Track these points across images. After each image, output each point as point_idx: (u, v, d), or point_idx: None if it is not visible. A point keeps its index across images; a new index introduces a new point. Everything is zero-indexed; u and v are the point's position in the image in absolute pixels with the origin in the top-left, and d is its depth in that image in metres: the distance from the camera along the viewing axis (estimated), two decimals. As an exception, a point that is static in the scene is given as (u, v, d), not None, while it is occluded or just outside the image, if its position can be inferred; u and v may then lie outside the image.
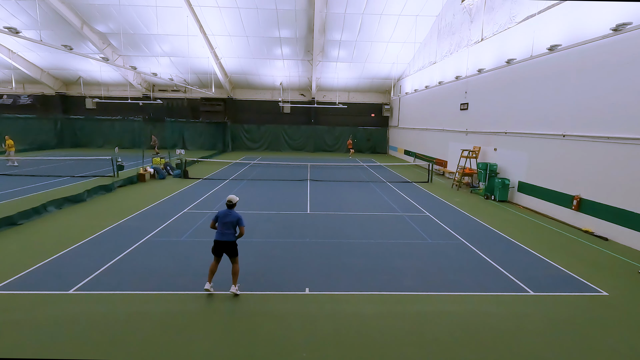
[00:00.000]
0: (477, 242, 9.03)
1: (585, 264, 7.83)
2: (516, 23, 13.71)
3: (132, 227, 9.63)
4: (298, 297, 6.10)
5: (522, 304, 6.02)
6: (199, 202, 12.74)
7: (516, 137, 13.68)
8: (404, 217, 11.38)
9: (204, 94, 31.84)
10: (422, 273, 7.18)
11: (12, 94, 33.03)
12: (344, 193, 14.89)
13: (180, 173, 18.05)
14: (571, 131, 10.91)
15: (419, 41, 24.73)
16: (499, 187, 13.76)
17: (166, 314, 5.48)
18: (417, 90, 25.51)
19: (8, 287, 6.18)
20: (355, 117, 34.26)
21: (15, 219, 9.52)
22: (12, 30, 11.48)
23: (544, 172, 12.14)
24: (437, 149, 21.98)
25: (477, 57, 16.83)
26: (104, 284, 6.40)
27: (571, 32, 11.01)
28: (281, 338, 4.95)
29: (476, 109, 16.97)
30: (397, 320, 5.46)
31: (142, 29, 24.17)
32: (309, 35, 24.45)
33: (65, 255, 7.66)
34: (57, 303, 5.73)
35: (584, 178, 10.39)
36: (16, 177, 16.37)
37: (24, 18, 22.77)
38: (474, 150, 16.34)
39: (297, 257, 7.87)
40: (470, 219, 11.36)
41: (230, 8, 21.75)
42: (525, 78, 13.16)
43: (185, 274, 6.88)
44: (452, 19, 19.87)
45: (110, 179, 16.37)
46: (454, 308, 5.81)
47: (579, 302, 6.14)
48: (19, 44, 26.67)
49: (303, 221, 10.62)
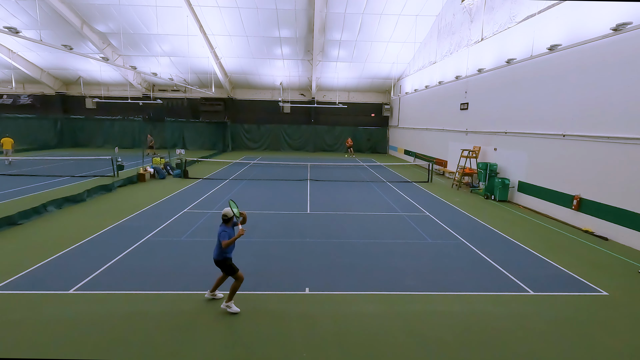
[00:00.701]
0: (477, 242, 9.03)
1: (585, 263, 7.83)
2: (516, 23, 13.71)
3: (132, 227, 9.64)
4: (298, 297, 6.10)
5: (522, 303, 6.02)
6: (198, 202, 12.74)
7: (516, 137, 13.68)
8: (404, 216, 11.38)
9: (204, 93, 31.84)
10: (422, 273, 7.18)
11: (12, 94, 33.02)
12: (344, 193, 14.89)
13: (180, 173, 18.05)
14: (571, 131, 10.91)
15: (419, 41, 24.73)
16: (499, 186, 13.76)
17: (166, 314, 5.48)
18: (417, 90, 25.51)
19: (8, 287, 6.18)
20: (355, 117, 34.26)
21: (15, 219, 9.52)
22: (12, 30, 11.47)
23: (544, 172, 12.14)
24: (437, 149, 21.98)
25: (477, 57, 16.83)
26: (104, 284, 6.40)
27: (571, 32, 11.01)
28: (281, 338, 4.95)
29: (476, 108, 16.97)
30: (397, 320, 5.46)
31: (142, 29, 24.16)
32: (309, 35, 24.45)
33: (65, 255, 7.66)
34: (57, 303, 5.73)
35: (584, 178, 10.39)
36: (16, 177, 16.37)
37: (24, 18, 22.76)
38: (474, 150, 16.34)
39: (297, 257, 7.87)
40: (470, 218, 11.36)
41: (230, 8, 21.74)
42: (525, 78, 13.16)
43: (185, 274, 6.88)
44: (452, 18, 19.86)
45: (110, 178, 16.37)
46: (454, 308, 5.81)
47: (579, 302, 6.15)
48: (19, 44, 26.66)
49: (303, 221, 10.62)
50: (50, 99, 33.27)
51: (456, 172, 17.14)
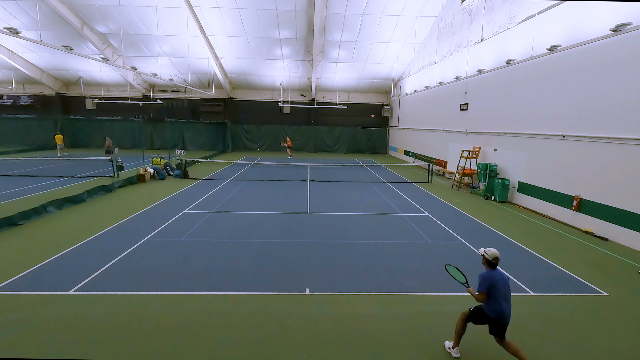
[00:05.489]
0: (477, 243, 9.03)
1: (585, 264, 7.83)
2: (516, 23, 13.72)
3: (132, 228, 9.63)
4: (298, 298, 6.09)
5: (522, 304, 6.02)
6: (199, 202, 12.74)
7: (516, 137, 13.69)
8: (404, 217, 11.38)
9: (204, 94, 31.85)
10: (422, 273, 7.18)
11: (12, 95, 33.02)
12: (344, 193, 14.89)
13: (180, 173, 18.05)
14: (571, 131, 10.91)
15: (419, 42, 24.75)
16: (499, 187, 13.76)
17: (166, 314, 5.47)
18: (417, 91, 25.52)
19: (8, 288, 6.18)
20: (355, 118, 34.27)
21: (15, 220, 9.52)
22: (12, 31, 11.48)
23: (544, 172, 12.14)
24: (437, 150, 21.99)
25: (477, 57, 16.84)
26: (104, 284, 6.40)
27: (571, 32, 11.02)
28: (281, 338, 4.95)
29: (476, 109, 16.98)
30: (398, 320, 5.46)
31: (142, 30, 24.18)
32: (309, 36, 24.47)
33: (65, 255, 7.66)
34: (57, 303, 5.72)
35: (584, 178, 10.40)
36: (16, 178, 16.37)
37: (24, 18, 22.77)
38: (473, 151, 16.34)
39: (297, 257, 7.87)
40: (470, 219, 11.35)
41: (230, 8, 21.77)
42: (525, 78, 13.17)
43: (185, 274, 6.87)
44: (452, 19, 19.88)
45: (110, 179, 16.37)
46: (454, 308, 5.80)
47: (579, 302, 6.15)
48: (19, 45, 26.67)
49: (303, 221, 10.62)
50: (50, 100, 33.28)
51: (456, 173, 17.14)
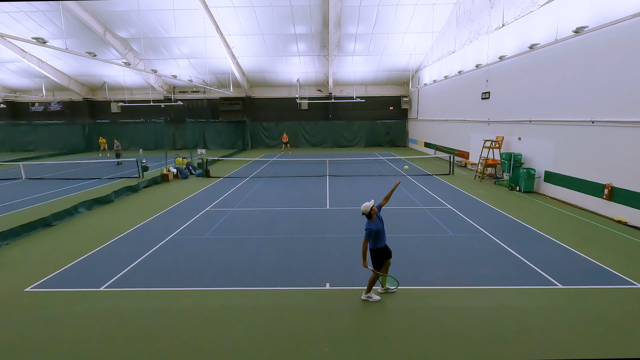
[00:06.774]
0: (501, 235, 8.79)
1: (618, 255, 7.48)
2: (539, 6, 13.15)
3: (158, 226, 9.95)
4: (319, 292, 6.13)
5: (550, 297, 5.83)
6: (220, 200, 12.99)
7: (541, 125, 13.17)
8: (425, 210, 11.21)
9: (223, 93, 32.33)
10: (444, 267, 7.07)
11: (43, 102, 34.67)
12: (363, 188, 14.80)
13: (202, 172, 18.45)
14: (601, 117, 10.40)
15: (437, 30, 24.15)
16: (524, 177, 13.31)
17: (192, 309, 5.63)
18: (436, 81, 24.96)
19: (44, 285, 6.52)
20: (373, 111, 33.92)
21: (50, 220, 10.02)
22: (39, 41, 12.01)
23: (572, 160, 11.65)
24: (459, 141, 21.47)
25: (498, 43, 16.27)
26: (133, 281, 6.65)
27: (599, 12, 10.45)
28: (303, 333, 5.00)
29: (498, 97, 16.44)
30: (419, 315, 5.40)
31: (161, 33, 24.73)
32: (324, 30, 24.33)
33: (95, 254, 8.00)
34: (89, 299, 6.00)
35: (616, 166, 9.90)
36: (49, 181, 17.20)
37: (50, 28, 23.77)
38: (496, 140, 15.86)
39: (317, 252, 7.91)
40: (494, 211, 11.06)
41: (246, 7, 21.92)
42: (550, 63, 12.62)
43: (209, 270, 7.05)
44: (471, 5, 19.26)
45: (135, 180, 16.94)
46: (477, 302, 5.68)
47: (611, 295, 5.89)
48: (48, 53, 27.88)
49: (323, 216, 10.65)
50: (78, 105, 34.70)
51: (479, 164, 16.70)
